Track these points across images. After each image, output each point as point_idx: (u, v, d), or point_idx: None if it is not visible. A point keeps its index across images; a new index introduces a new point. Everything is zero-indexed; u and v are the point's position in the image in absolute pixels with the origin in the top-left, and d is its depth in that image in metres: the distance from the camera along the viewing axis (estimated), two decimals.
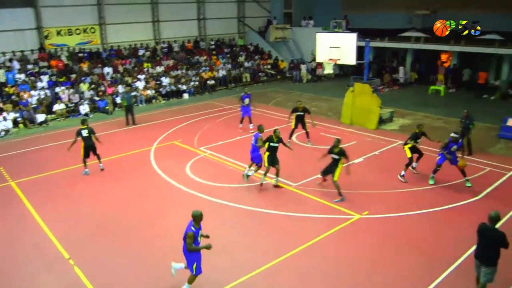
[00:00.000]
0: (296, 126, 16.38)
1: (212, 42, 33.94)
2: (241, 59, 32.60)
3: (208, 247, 7.64)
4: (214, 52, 32.63)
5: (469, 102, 22.31)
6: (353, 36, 19.09)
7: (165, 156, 15.79)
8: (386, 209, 11.14)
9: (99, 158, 14.42)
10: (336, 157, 11.72)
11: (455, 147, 12.25)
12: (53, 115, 21.89)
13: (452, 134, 12.43)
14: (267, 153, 12.55)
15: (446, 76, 26.81)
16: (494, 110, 21.21)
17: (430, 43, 26.70)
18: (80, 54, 26.74)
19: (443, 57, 28.94)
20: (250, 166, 13.38)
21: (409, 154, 13.04)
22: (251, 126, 18.56)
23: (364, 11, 33.81)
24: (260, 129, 13.10)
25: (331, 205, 11.47)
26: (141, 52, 29.22)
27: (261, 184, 12.70)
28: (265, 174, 12.70)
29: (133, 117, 20.46)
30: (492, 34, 23.90)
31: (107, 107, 23.01)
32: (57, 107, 21.89)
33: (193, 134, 18.27)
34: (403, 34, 27.96)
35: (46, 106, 21.91)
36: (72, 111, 22.50)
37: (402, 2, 31.15)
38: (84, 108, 22.39)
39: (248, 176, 13.29)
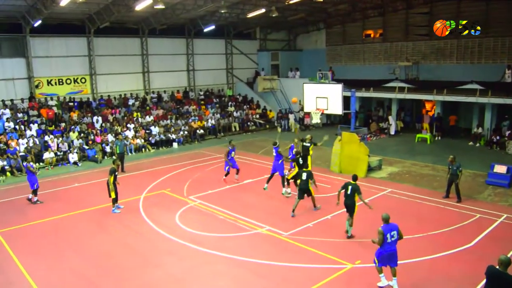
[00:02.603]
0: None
1: (201, 92, 34.41)
2: (230, 109, 32.98)
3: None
4: (203, 102, 33.01)
5: (456, 150, 22.56)
6: (339, 87, 19.47)
7: (154, 205, 15.55)
8: None
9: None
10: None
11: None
12: (41, 164, 21.63)
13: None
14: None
15: (431, 125, 27.31)
16: (480, 157, 21.52)
17: (414, 92, 27.42)
18: (70, 103, 26.88)
19: (428, 106, 29.63)
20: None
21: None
22: (236, 176, 18.06)
23: (348, 63, 34.85)
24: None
25: (323, 254, 11.26)
26: (131, 101, 29.44)
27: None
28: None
29: (122, 165, 20.37)
30: (472, 84, 24.64)
31: (96, 156, 22.85)
32: (46, 155, 21.67)
33: (183, 183, 18.11)
34: (388, 85, 28.67)
35: (35, 154, 21.67)
36: (61, 159, 22.29)
37: (385, 55, 32.26)
38: (73, 157, 22.20)
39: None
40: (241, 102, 34.99)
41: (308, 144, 16.69)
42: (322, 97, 19.78)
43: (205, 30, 31.39)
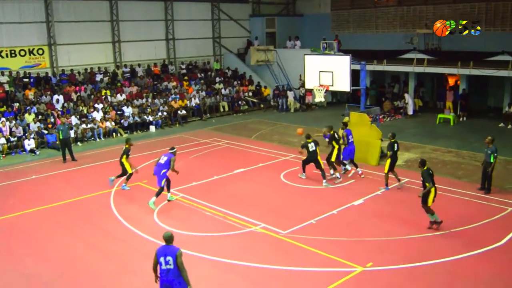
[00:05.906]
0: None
1: (183, 66, 34.21)
2: (218, 85, 32.87)
3: None
4: (185, 78, 32.82)
5: (484, 133, 22.62)
6: (346, 59, 19.45)
7: (129, 200, 15.56)
8: (393, 260, 11.04)
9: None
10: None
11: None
12: None
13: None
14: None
15: (455, 103, 27.39)
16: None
17: (435, 65, 27.42)
18: (25, 80, 26.59)
19: (451, 81, 29.69)
20: None
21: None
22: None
23: (357, 31, 34.77)
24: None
25: (328, 255, 11.32)
26: (98, 77, 29.21)
27: None
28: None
29: (71, 152, 20.49)
30: (504, 54, 24.67)
31: (57, 142, 22.68)
32: None
33: None
34: (404, 56, 28.67)
35: None
36: (15, 146, 22.15)
37: (401, 22, 32.16)
38: (30, 144, 22.06)
39: None
40: (230, 78, 34.85)
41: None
42: (327, 71, 19.76)
43: None
